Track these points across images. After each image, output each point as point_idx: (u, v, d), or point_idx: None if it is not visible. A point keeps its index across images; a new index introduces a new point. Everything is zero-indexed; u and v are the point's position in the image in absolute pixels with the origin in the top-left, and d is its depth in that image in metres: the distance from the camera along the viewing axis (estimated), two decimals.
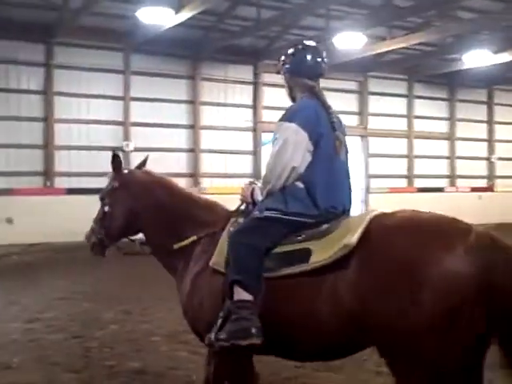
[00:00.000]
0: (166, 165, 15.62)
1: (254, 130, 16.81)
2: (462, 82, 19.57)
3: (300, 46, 3.68)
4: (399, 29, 15.35)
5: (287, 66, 3.67)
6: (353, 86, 18.45)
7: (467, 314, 2.71)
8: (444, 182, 20.04)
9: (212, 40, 15.35)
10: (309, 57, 3.61)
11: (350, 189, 3.60)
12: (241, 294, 3.18)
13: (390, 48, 15.36)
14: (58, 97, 14.51)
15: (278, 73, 3.77)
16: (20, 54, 14.10)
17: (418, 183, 19.36)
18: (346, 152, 3.61)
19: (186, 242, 3.69)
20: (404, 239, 2.91)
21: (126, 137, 15.11)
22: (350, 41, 14.09)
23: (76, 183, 14.66)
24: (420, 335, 2.75)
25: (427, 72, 18.77)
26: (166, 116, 15.64)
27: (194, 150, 15.98)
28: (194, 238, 3.68)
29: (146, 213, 3.87)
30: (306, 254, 3.16)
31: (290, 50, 3.68)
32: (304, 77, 3.60)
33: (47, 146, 14.33)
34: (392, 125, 18.92)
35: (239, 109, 16.64)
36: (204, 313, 3.43)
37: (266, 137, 18.58)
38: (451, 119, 20.19)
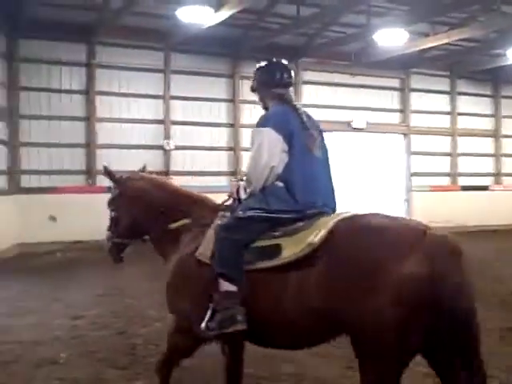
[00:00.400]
0: (206, 163, 15.74)
1: None
2: (506, 78, 19.12)
3: (267, 62, 4.14)
4: (442, 24, 15.06)
5: (257, 79, 4.09)
6: (394, 83, 18.18)
7: (419, 310, 2.95)
8: (489, 180, 19.60)
9: (251, 38, 15.31)
10: (276, 69, 4.06)
11: (329, 183, 3.87)
12: (226, 286, 3.52)
13: (433, 44, 15.08)
14: (100, 96, 14.65)
15: (252, 90, 4.17)
16: (62, 54, 14.27)
17: (462, 181, 18.97)
18: (323, 148, 3.90)
19: (178, 223, 4.11)
20: (363, 241, 3.16)
21: (166, 135, 15.18)
22: (392, 37, 13.89)
23: None
24: (376, 328, 3.01)
25: (470, 68, 18.40)
26: (205, 114, 15.68)
27: (234, 149, 15.97)
28: (186, 221, 4.09)
29: (143, 212, 4.30)
30: (277, 250, 3.44)
31: (259, 65, 4.13)
32: (273, 87, 3.99)
33: (89, 145, 14.49)
34: (434, 122, 18.58)
35: None
36: (182, 296, 3.83)
37: None
38: (496, 116, 19.73)
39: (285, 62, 4.16)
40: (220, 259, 3.57)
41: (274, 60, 4.17)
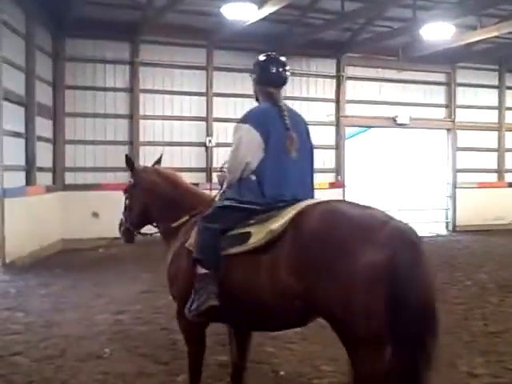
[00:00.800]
0: None
1: (337, 124, 16.53)
2: None
3: (263, 58, 4.27)
4: (490, 17, 14.63)
5: (253, 76, 4.28)
6: (440, 77, 17.78)
7: (375, 296, 3.09)
8: None
9: (294, 34, 15.18)
10: (271, 67, 4.20)
11: (304, 181, 4.08)
12: (200, 270, 3.82)
13: (481, 37, 14.64)
14: (143, 94, 14.76)
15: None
16: (106, 53, 14.43)
17: (510, 178, 18.46)
18: (305, 148, 4.12)
19: (178, 221, 4.46)
20: (323, 227, 3.33)
21: (209, 132, 15.20)
22: (438, 31, 13.58)
23: None
24: (337, 312, 3.22)
25: None
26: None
27: None
28: (186, 217, 4.44)
29: (152, 202, 4.72)
30: (246, 237, 3.70)
31: (255, 61, 4.29)
32: (266, 85, 4.19)
33: (132, 143, 14.62)
34: (481, 117, 18.10)
35: (322, 103, 16.40)
36: (177, 283, 4.17)
37: (349, 131, 18.33)
38: None
39: (282, 58, 4.28)
40: (199, 246, 3.88)
41: (272, 56, 4.29)
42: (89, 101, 14.29)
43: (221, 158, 15.35)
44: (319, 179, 16.29)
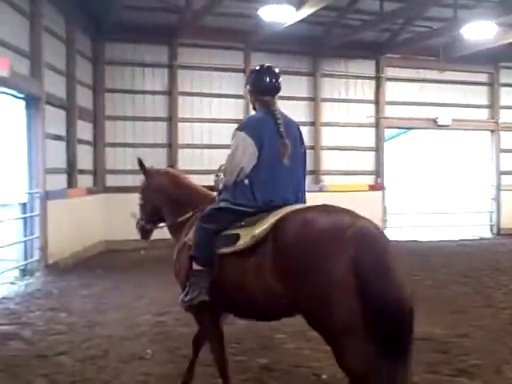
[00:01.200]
0: None
1: (377, 125, 16.35)
2: None
3: (257, 68, 4.58)
4: None
5: (249, 83, 4.55)
6: (482, 77, 17.44)
7: (344, 292, 3.31)
8: None
9: (333, 35, 15.09)
10: (264, 78, 4.48)
11: (295, 186, 4.29)
12: (195, 266, 4.20)
13: None
14: (182, 96, 14.84)
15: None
16: (145, 56, 14.57)
17: None
18: (297, 155, 4.33)
19: (183, 217, 4.90)
20: (298, 233, 3.61)
21: None
22: (480, 30, 13.29)
23: (199, 181, 14.88)
24: (312, 303, 3.50)
25: None
26: (286, 113, 15.51)
27: (314, 147, 15.78)
28: (190, 213, 4.85)
29: (161, 200, 5.17)
30: (236, 238, 4.00)
31: (250, 72, 4.66)
32: (261, 95, 4.44)
33: (171, 145, 14.70)
34: None
35: (361, 104, 16.26)
36: (181, 276, 4.52)
37: (389, 132, 18.11)
38: None
39: (276, 69, 4.57)
40: (195, 244, 4.27)
41: (265, 66, 4.57)
42: (128, 104, 14.44)
43: None
44: (358, 181, 16.17)
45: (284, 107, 14.76)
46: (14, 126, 10.29)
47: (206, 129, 15.02)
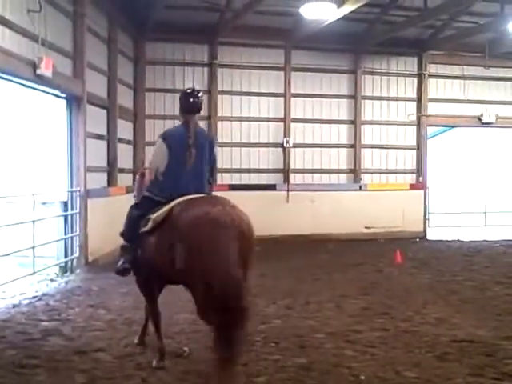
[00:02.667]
0: (326, 160, 15.54)
1: (418, 123, 16.07)
2: None
3: (185, 92, 5.74)
4: None
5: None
6: None
7: (198, 257, 4.62)
8: None
9: (374, 32, 14.89)
10: (189, 99, 5.63)
11: (197, 183, 5.45)
12: (123, 242, 5.68)
13: None
14: (221, 95, 14.87)
15: None
16: (185, 56, 14.65)
17: None
18: (203, 159, 5.52)
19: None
20: (175, 218, 4.96)
21: (286, 133, 15.12)
22: None
23: (237, 179, 14.95)
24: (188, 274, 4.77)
25: None
26: (326, 111, 15.47)
27: (354, 146, 15.62)
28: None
29: None
30: (148, 221, 5.25)
31: (180, 95, 5.73)
32: (184, 113, 5.61)
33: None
34: None
35: (402, 102, 16.00)
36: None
37: (432, 130, 17.78)
38: None
39: (199, 93, 5.74)
40: (124, 225, 5.69)
41: (190, 91, 5.76)
42: (168, 103, 14.50)
43: (298, 158, 15.28)
44: (399, 180, 15.94)
45: (324, 106, 14.79)
46: (56, 125, 10.44)
47: (245, 127, 15.01)
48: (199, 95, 5.70)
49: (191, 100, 5.62)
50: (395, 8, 14.06)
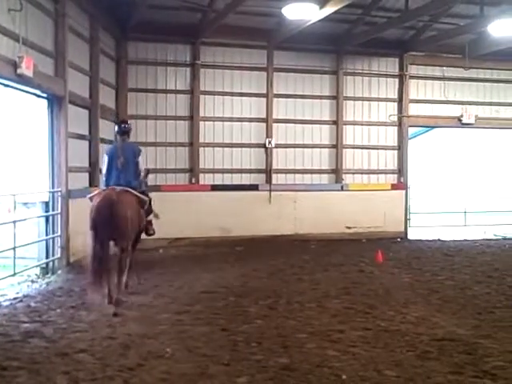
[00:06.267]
0: (308, 161, 15.59)
1: (400, 124, 16.19)
2: None
3: (117, 122, 9.35)
4: None
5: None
6: (509, 75, 17.11)
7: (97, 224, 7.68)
8: None
9: (356, 33, 14.97)
10: (120, 126, 8.72)
11: (125, 179, 8.20)
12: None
13: None
14: (203, 95, 14.85)
15: None
16: (168, 55, 14.61)
17: None
18: (130, 164, 8.28)
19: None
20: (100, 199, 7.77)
21: (269, 133, 15.14)
22: (506, 28, 13.04)
23: (219, 180, 14.96)
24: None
25: None
26: (308, 112, 15.52)
27: (336, 146, 15.69)
28: None
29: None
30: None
31: (116, 122, 9.77)
32: (118, 135, 8.67)
33: (192, 144, 14.72)
34: None
35: (383, 103, 16.11)
36: None
37: (413, 131, 17.91)
38: None
39: (127, 121, 9.12)
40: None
41: (121, 120, 9.44)
42: (150, 103, 14.48)
43: (280, 159, 15.32)
44: (381, 180, 16.06)
45: (306, 106, 14.83)
46: (37, 125, 10.37)
47: (228, 128, 15.01)
48: (127, 124, 8.77)
49: (122, 126, 8.63)
50: (377, 9, 14.15)
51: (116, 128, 8.67)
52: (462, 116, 16.48)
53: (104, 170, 8.26)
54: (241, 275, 10.17)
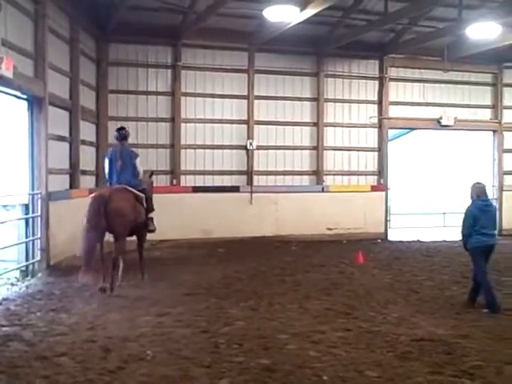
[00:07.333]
0: (289, 162, 15.65)
1: (380, 126, 16.31)
2: None
3: (116, 129, 9.69)
4: None
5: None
6: (486, 78, 17.38)
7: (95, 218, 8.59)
8: None
9: (336, 36, 15.07)
10: (118, 132, 9.49)
11: (124, 178, 9.14)
12: None
13: None
14: (185, 97, 14.85)
15: None
16: (149, 57, 14.59)
17: None
18: (127, 165, 9.20)
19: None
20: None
21: (250, 135, 15.17)
22: (484, 31, 13.20)
23: (201, 182, 14.96)
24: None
25: None
26: (289, 114, 15.58)
27: (317, 148, 15.77)
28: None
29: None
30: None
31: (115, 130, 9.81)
32: (117, 140, 9.49)
33: (174, 146, 14.70)
34: None
35: (364, 105, 16.23)
36: None
37: (392, 133, 18.05)
38: None
39: (124, 127, 9.73)
40: None
41: (119, 127, 9.70)
42: (131, 104, 14.45)
43: (262, 160, 15.36)
44: (361, 182, 16.17)
45: (287, 108, 14.85)
46: (17, 126, 10.28)
47: (209, 129, 15.02)
48: (125, 130, 9.56)
49: (120, 133, 9.42)
50: (357, 12, 14.25)
51: (115, 134, 9.48)
52: (441, 118, 16.66)
53: (106, 172, 9.39)
54: (222, 277, 10.17)
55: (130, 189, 9.07)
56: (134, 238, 9.81)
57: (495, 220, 8.54)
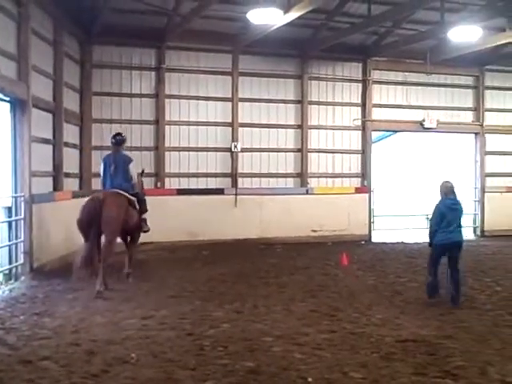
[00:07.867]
0: (273, 165, 15.68)
1: (363, 128, 16.40)
2: None
3: (112, 135, 10.12)
4: None
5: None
6: (468, 80, 17.55)
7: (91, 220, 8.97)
8: None
9: (320, 38, 15.14)
10: (114, 137, 9.95)
11: (116, 181, 9.55)
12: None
13: (509, 40, 14.34)
14: (169, 99, 14.82)
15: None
16: (133, 59, 14.56)
17: None
18: (120, 170, 9.60)
19: None
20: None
21: (234, 137, 15.19)
22: (466, 34, 13.33)
23: (185, 184, 14.94)
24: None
25: None
26: (273, 116, 15.62)
27: (301, 150, 15.82)
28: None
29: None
30: None
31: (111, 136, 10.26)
32: (113, 145, 9.91)
33: (158, 148, 14.67)
34: (510, 121, 17.76)
35: (347, 107, 16.31)
36: None
37: (376, 135, 18.15)
38: None
39: (121, 133, 10.27)
40: None
41: (115, 134, 10.16)
42: (115, 107, 14.40)
43: (246, 163, 15.37)
44: (345, 184, 16.24)
45: (271, 110, 14.89)
46: None
47: (193, 132, 15.01)
48: (121, 136, 10.05)
49: (116, 139, 9.85)
50: (340, 14, 14.33)
51: (111, 140, 9.92)
52: (423, 120, 16.79)
53: (101, 175, 9.83)
54: (207, 279, 10.17)
55: (122, 192, 9.46)
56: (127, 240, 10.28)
57: (461, 218, 8.64)
